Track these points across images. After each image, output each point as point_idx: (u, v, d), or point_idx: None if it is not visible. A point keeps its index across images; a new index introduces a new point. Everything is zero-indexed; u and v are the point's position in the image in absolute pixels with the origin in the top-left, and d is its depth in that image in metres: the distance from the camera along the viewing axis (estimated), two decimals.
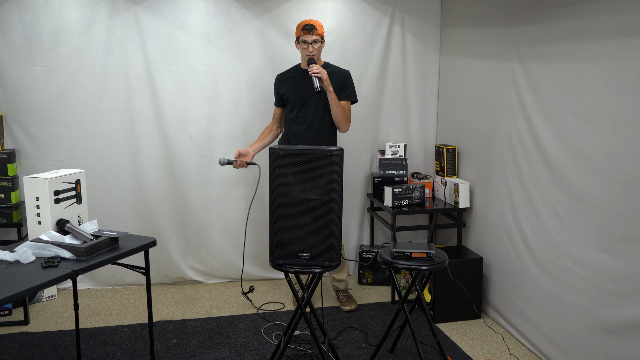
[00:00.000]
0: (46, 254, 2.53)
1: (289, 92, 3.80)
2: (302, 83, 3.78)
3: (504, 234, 3.68)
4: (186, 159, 4.29)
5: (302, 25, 3.68)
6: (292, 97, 3.79)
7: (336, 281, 4.10)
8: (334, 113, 3.70)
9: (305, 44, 3.67)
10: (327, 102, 3.72)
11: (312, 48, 3.66)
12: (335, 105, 3.67)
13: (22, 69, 4.00)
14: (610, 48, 2.71)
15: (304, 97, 3.75)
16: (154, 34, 4.12)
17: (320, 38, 3.69)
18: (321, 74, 3.52)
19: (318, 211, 2.75)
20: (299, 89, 3.77)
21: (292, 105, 3.80)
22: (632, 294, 2.62)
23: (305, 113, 3.77)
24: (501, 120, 3.69)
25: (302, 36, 3.67)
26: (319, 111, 3.76)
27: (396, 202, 4.08)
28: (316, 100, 3.74)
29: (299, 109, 3.78)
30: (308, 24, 3.66)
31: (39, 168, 4.08)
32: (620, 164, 2.67)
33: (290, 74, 3.87)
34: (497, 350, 3.44)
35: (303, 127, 3.78)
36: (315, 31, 3.64)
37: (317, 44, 3.67)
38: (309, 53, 3.67)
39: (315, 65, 3.55)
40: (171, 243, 4.37)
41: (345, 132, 3.85)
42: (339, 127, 3.80)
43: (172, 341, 3.54)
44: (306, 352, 3.39)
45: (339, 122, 3.75)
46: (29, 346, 3.45)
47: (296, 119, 3.80)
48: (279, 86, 3.87)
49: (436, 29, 4.52)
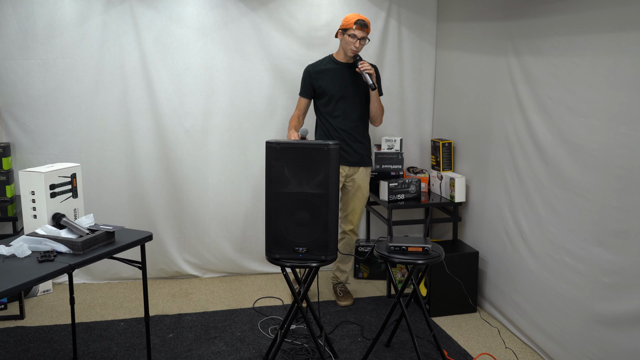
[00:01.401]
0: (42, 248, 2.52)
1: (328, 84, 3.77)
2: (342, 75, 3.77)
3: (500, 227, 3.69)
4: (182, 153, 4.28)
5: (355, 20, 3.62)
6: (331, 89, 3.76)
7: (339, 271, 4.10)
8: (374, 108, 3.79)
9: (355, 39, 3.63)
10: (362, 96, 3.78)
11: (360, 44, 3.66)
12: (377, 100, 3.77)
13: (17, 62, 3.98)
14: (606, 42, 2.71)
15: (343, 90, 3.76)
16: (149, 27, 4.10)
17: (367, 37, 3.69)
18: (372, 71, 3.61)
19: (315, 205, 2.75)
20: (339, 81, 3.76)
21: (330, 98, 3.79)
22: (627, 287, 2.63)
23: (344, 106, 3.79)
24: (497, 115, 3.70)
25: (353, 30, 3.62)
26: (357, 104, 3.80)
27: (392, 196, 4.09)
28: (354, 94, 3.78)
29: (337, 101, 3.78)
30: (362, 19, 3.62)
31: (34, 162, 4.06)
32: (615, 157, 2.68)
33: (325, 65, 3.82)
34: (492, 344, 3.46)
35: (343, 121, 3.80)
36: (366, 29, 3.64)
37: (364, 40, 3.67)
38: (355, 48, 3.66)
39: (365, 62, 3.61)
40: (167, 237, 4.37)
41: (380, 125, 3.97)
42: (376, 121, 3.89)
43: (169, 335, 3.54)
44: (302, 346, 3.40)
45: (377, 117, 3.85)
46: (25, 340, 3.44)
47: (334, 112, 3.80)
48: (315, 77, 3.80)
49: (432, 23, 4.51)
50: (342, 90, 3.75)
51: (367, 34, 3.66)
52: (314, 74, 3.81)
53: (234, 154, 4.35)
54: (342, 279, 4.12)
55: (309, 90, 3.84)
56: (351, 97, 3.77)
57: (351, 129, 3.80)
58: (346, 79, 3.75)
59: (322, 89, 3.78)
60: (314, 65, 3.85)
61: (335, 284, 4.13)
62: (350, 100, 3.77)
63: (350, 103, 3.77)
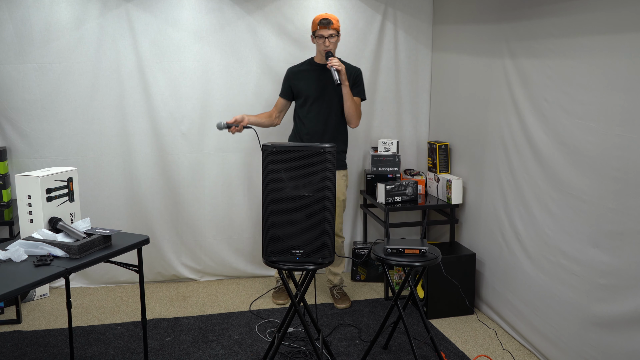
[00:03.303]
0: (39, 252, 2.51)
1: (304, 86, 3.81)
2: (317, 77, 3.80)
3: (497, 230, 3.70)
4: (179, 156, 4.28)
5: (318, 20, 3.69)
6: (307, 90, 3.80)
7: (332, 274, 4.10)
8: (347, 107, 3.75)
9: (322, 39, 3.69)
10: (339, 98, 3.76)
11: (329, 42, 3.69)
12: (349, 99, 3.72)
13: (13, 66, 3.98)
14: (601, 44, 2.72)
15: (319, 91, 3.78)
16: (145, 31, 4.10)
17: (336, 32, 3.71)
18: (340, 67, 3.58)
19: (311, 208, 2.75)
20: (315, 83, 3.79)
21: (305, 100, 3.82)
22: (623, 289, 2.64)
23: (318, 108, 3.80)
24: (493, 117, 3.70)
25: (318, 31, 3.68)
26: (332, 106, 3.80)
27: (389, 198, 4.09)
28: (330, 96, 3.78)
29: (312, 103, 3.80)
30: (324, 18, 3.67)
31: (31, 166, 4.06)
32: (610, 159, 2.69)
33: (304, 67, 3.88)
34: (490, 346, 3.46)
35: (315, 123, 3.81)
36: (331, 25, 3.66)
37: (333, 38, 3.70)
38: (326, 47, 3.69)
39: (334, 58, 3.60)
40: (164, 241, 4.36)
41: (356, 127, 3.90)
42: (351, 122, 3.84)
43: (166, 339, 3.53)
44: (300, 349, 3.40)
45: (351, 117, 3.79)
46: (22, 345, 3.44)
47: (308, 113, 3.82)
48: (293, 78, 3.86)
49: (428, 26, 4.52)
50: (317, 91, 3.79)
51: (335, 30, 3.69)
52: (292, 75, 3.88)
53: (230, 157, 4.35)
54: (336, 281, 4.12)
55: (287, 91, 3.91)
56: (327, 99, 3.79)
57: (324, 131, 3.82)
58: (322, 80, 3.79)
59: (298, 89, 3.84)
60: (295, 66, 3.92)
61: (331, 287, 4.13)
62: (326, 102, 3.80)
63: (325, 105, 3.80)
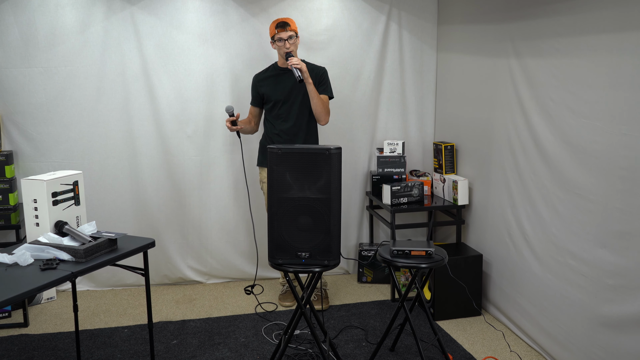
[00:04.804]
0: (45, 256, 2.52)
1: (270, 91, 3.84)
2: (282, 81, 3.83)
3: (504, 230, 3.68)
4: (184, 159, 4.28)
5: (275, 24, 3.75)
6: (273, 95, 3.83)
7: None
8: (314, 105, 3.75)
9: (281, 42, 3.73)
10: (307, 98, 3.77)
11: (289, 44, 3.72)
12: (315, 97, 3.71)
13: (19, 70, 3.99)
14: (606, 43, 2.70)
15: (285, 94, 3.81)
16: (150, 34, 4.11)
17: (295, 34, 3.74)
18: (300, 65, 3.60)
19: (317, 210, 2.75)
20: (279, 87, 3.82)
21: (274, 104, 3.85)
22: (631, 289, 2.61)
23: (286, 110, 3.82)
24: (499, 117, 3.69)
25: (277, 34, 3.73)
26: (300, 107, 3.82)
27: (395, 200, 4.08)
28: (296, 97, 3.81)
29: (280, 106, 3.83)
30: (281, 21, 3.73)
31: (37, 170, 4.08)
32: (617, 159, 2.67)
33: (269, 72, 3.92)
34: (497, 347, 3.44)
35: (284, 124, 3.83)
36: (288, 27, 3.71)
37: (292, 39, 3.72)
38: (286, 49, 3.72)
39: (294, 58, 3.63)
40: (170, 243, 4.37)
41: (326, 124, 3.88)
42: (319, 119, 3.83)
43: (172, 342, 3.53)
44: (307, 351, 3.39)
45: (319, 114, 3.78)
46: (29, 348, 3.44)
47: (278, 116, 3.85)
48: (259, 85, 3.90)
49: (433, 26, 4.51)
50: (283, 94, 3.81)
51: (293, 32, 3.72)
52: (257, 82, 3.92)
53: (236, 159, 4.35)
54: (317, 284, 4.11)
55: (257, 98, 3.94)
56: (293, 101, 3.81)
57: (293, 133, 3.84)
58: (286, 83, 3.81)
59: (266, 94, 3.86)
60: (260, 73, 3.96)
61: None
62: (293, 104, 3.82)
63: (293, 107, 3.82)
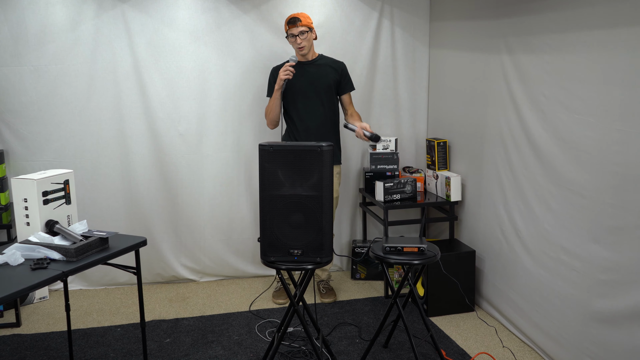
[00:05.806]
0: (35, 255, 2.50)
1: (290, 83, 3.80)
2: (301, 75, 3.81)
3: (496, 226, 3.68)
4: (176, 157, 4.26)
5: (287, 20, 3.74)
6: (294, 87, 3.81)
7: (320, 269, 4.12)
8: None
9: (293, 37, 3.72)
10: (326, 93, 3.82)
11: (300, 40, 3.71)
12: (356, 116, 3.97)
13: (9, 68, 3.96)
14: (599, 39, 2.71)
15: (305, 87, 3.81)
16: (141, 31, 4.08)
17: (308, 28, 3.73)
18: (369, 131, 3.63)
19: (309, 207, 2.74)
20: (300, 80, 3.80)
21: (292, 97, 3.83)
22: (623, 284, 2.62)
23: (307, 104, 3.82)
24: (491, 113, 3.69)
25: (289, 30, 3.72)
26: (321, 101, 3.82)
27: (388, 196, 4.08)
28: (316, 91, 3.81)
29: (299, 100, 3.82)
30: (292, 17, 3.72)
31: (28, 169, 4.05)
32: (610, 154, 2.68)
33: None
34: (490, 343, 3.45)
35: (306, 119, 3.83)
36: (299, 23, 3.69)
37: (304, 35, 3.71)
38: (299, 45, 3.71)
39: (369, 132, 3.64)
40: (163, 242, 4.35)
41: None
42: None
43: (166, 340, 3.52)
44: (300, 348, 3.39)
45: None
46: (21, 348, 3.43)
47: (298, 111, 3.84)
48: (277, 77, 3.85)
49: (425, 23, 4.51)
50: (304, 87, 3.81)
51: (305, 27, 3.71)
52: (276, 74, 3.87)
53: (228, 157, 4.34)
54: (324, 276, 4.17)
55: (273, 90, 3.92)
56: (313, 95, 3.82)
57: (316, 128, 3.83)
58: (306, 77, 3.81)
59: (285, 87, 3.82)
60: (278, 66, 3.92)
61: (319, 282, 4.16)
62: (313, 98, 3.82)
63: (313, 101, 3.82)
